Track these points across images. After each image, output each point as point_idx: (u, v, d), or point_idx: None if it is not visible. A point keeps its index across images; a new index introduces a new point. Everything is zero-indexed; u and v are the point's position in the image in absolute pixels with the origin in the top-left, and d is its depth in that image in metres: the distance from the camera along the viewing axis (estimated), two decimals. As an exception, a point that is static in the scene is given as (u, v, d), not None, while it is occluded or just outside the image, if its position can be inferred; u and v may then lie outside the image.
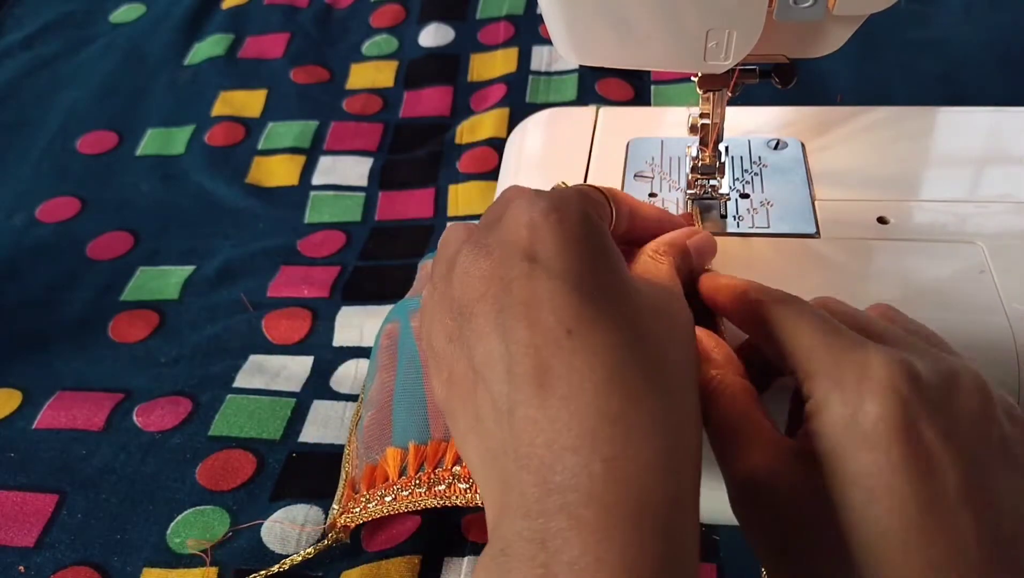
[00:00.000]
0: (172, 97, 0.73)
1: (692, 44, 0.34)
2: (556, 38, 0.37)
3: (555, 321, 0.25)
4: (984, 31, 0.69)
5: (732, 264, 0.38)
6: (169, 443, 0.48)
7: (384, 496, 0.37)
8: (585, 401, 0.24)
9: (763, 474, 0.27)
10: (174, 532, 0.43)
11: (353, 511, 0.38)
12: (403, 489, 0.36)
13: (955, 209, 0.41)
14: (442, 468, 0.36)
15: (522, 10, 0.77)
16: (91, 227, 0.63)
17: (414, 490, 0.36)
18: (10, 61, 0.78)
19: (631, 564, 0.22)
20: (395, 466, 0.37)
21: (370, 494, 0.38)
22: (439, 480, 0.36)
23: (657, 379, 0.25)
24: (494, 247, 0.28)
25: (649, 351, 0.26)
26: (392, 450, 0.38)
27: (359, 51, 0.76)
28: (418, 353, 0.39)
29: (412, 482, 0.36)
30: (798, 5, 0.33)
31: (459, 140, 0.66)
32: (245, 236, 0.61)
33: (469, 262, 0.28)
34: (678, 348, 0.27)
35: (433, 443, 0.37)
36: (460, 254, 0.28)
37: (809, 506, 0.26)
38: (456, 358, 0.28)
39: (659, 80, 0.69)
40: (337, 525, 0.40)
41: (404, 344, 0.41)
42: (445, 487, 0.35)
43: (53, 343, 0.55)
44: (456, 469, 0.35)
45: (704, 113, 0.40)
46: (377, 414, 0.39)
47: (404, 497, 0.36)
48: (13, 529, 0.44)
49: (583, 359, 0.24)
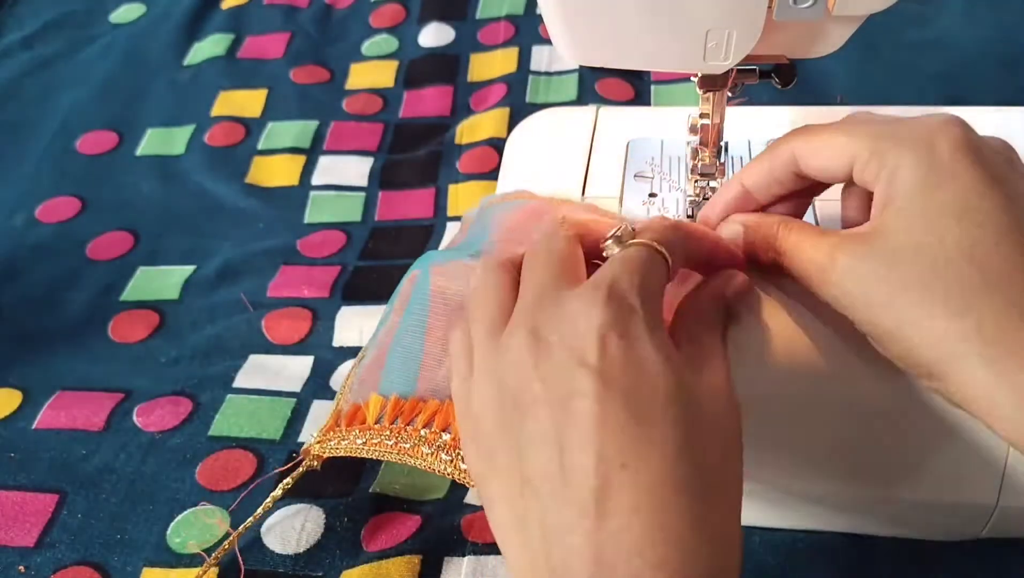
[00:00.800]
0: (172, 97, 0.73)
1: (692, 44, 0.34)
2: (556, 38, 0.37)
3: (614, 452, 0.25)
4: (984, 31, 0.69)
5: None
6: (169, 443, 0.48)
7: (357, 438, 0.37)
8: (632, 539, 0.25)
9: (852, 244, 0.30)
10: (174, 532, 0.43)
11: (327, 444, 0.39)
12: (374, 436, 0.37)
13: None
14: (412, 427, 0.36)
15: (522, 10, 0.77)
16: (91, 227, 0.63)
17: (382, 440, 0.36)
18: (10, 61, 0.78)
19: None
20: (374, 413, 0.38)
21: (346, 432, 0.38)
22: (407, 437, 0.36)
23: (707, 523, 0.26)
24: (555, 350, 0.27)
25: (702, 487, 0.26)
26: (375, 397, 0.38)
27: (359, 51, 0.76)
28: (428, 306, 0.39)
29: (383, 432, 0.37)
30: (798, 5, 0.33)
31: (459, 140, 0.66)
32: (245, 236, 0.61)
33: (523, 356, 0.28)
34: (731, 472, 0.28)
35: (412, 400, 0.37)
36: (513, 338, 0.28)
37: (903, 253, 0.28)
38: (500, 446, 0.28)
39: (659, 80, 0.69)
40: (311, 452, 0.40)
41: (416, 294, 0.41)
42: (410, 446, 0.36)
43: (53, 343, 0.55)
44: (424, 432, 0.35)
45: (704, 114, 0.40)
46: (376, 355, 0.40)
47: (373, 443, 0.37)
48: (13, 529, 0.44)
49: (634, 497, 0.25)
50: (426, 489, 0.45)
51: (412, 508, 0.44)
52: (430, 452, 0.35)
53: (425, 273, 0.41)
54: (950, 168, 0.28)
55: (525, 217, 0.42)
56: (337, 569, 0.41)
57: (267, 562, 0.42)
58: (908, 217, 0.29)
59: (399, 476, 0.46)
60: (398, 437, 0.36)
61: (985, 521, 0.38)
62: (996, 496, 0.37)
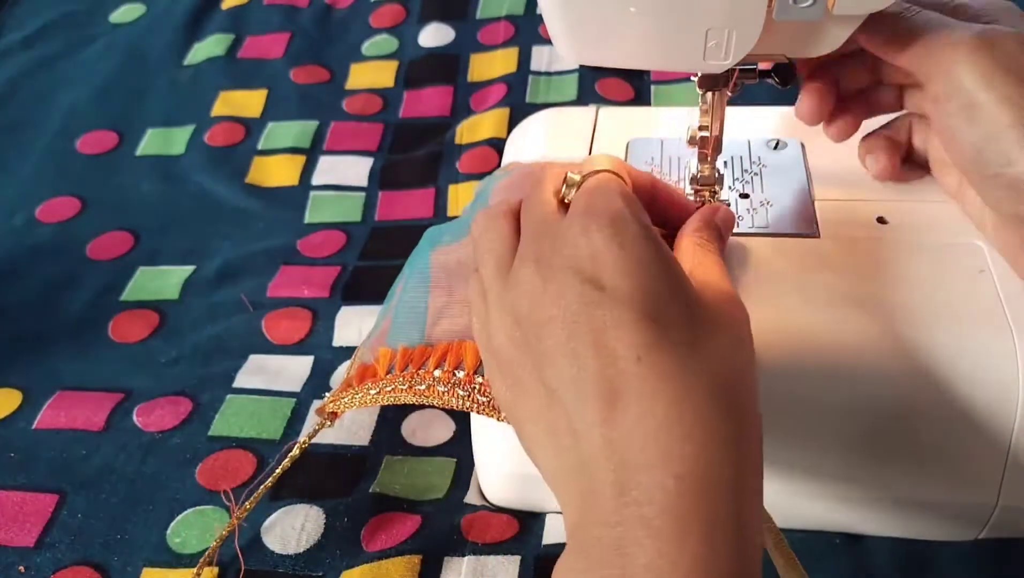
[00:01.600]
0: (172, 97, 0.73)
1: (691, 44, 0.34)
2: (556, 38, 0.37)
3: (624, 348, 0.27)
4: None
5: (732, 264, 0.38)
6: (169, 443, 0.48)
7: (369, 389, 0.38)
8: (656, 423, 0.26)
9: None
10: (174, 532, 0.43)
11: (341, 400, 0.39)
12: (387, 385, 0.38)
13: (955, 209, 0.41)
14: (424, 370, 0.37)
15: (522, 10, 0.77)
16: (91, 227, 0.63)
17: (396, 386, 0.37)
18: (10, 61, 0.78)
19: (703, 566, 0.24)
20: (385, 365, 0.38)
21: (359, 388, 0.39)
22: (420, 380, 0.37)
23: (724, 398, 0.27)
24: (557, 271, 0.29)
25: (717, 371, 0.27)
26: (384, 349, 0.39)
27: (359, 51, 0.76)
28: (429, 270, 0.40)
29: (396, 380, 0.37)
30: (797, 5, 0.33)
31: (459, 140, 0.66)
32: (245, 236, 0.61)
33: (533, 283, 0.30)
34: (743, 359, 0.29)
35: (421, 347, 0.38)
36: (522, 270, 0.31)
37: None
38: (523, 369, 0.30)
39: (659, 80, 0.69)
40: (325, 411, 0.41)
41: (415, 259, 0.42)
42: (425, 387, 0.36)
43: (53, 343, 0.55)
44: (437, 372, 0.36)
45: (703, 126, 0.40)
46: (383, 326, 0.41)
47: (387, 391, 0.37)
48: (13, 529, 0.44)
49: (653, 384, 0.26)
50: (426, 489, 0.45)
51: (412, 508, 0.44)
52: (445, 389, 0.36)
53: (425, 244, 0.42)
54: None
55: (518, 177, 0.43)
56: (337, 569, 0.41)
57: (267, 562, 0.42)
58: None
59: (399, 476, 0.46)
60: (411, 381, 0.37)
61: (985, 521, 0.38)
62: (996, 496, 0.37)
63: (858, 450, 0.37)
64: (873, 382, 0.35)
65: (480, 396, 0.35)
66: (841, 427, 0.36)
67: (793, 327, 0.36)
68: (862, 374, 0.35)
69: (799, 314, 0.36)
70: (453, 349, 0.37)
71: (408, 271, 0.42)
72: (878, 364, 0.35)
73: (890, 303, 0.37)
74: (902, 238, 0.40)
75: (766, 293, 0.37)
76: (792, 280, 0.38)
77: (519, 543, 0.42)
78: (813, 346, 0.35)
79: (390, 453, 0.47)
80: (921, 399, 0.35)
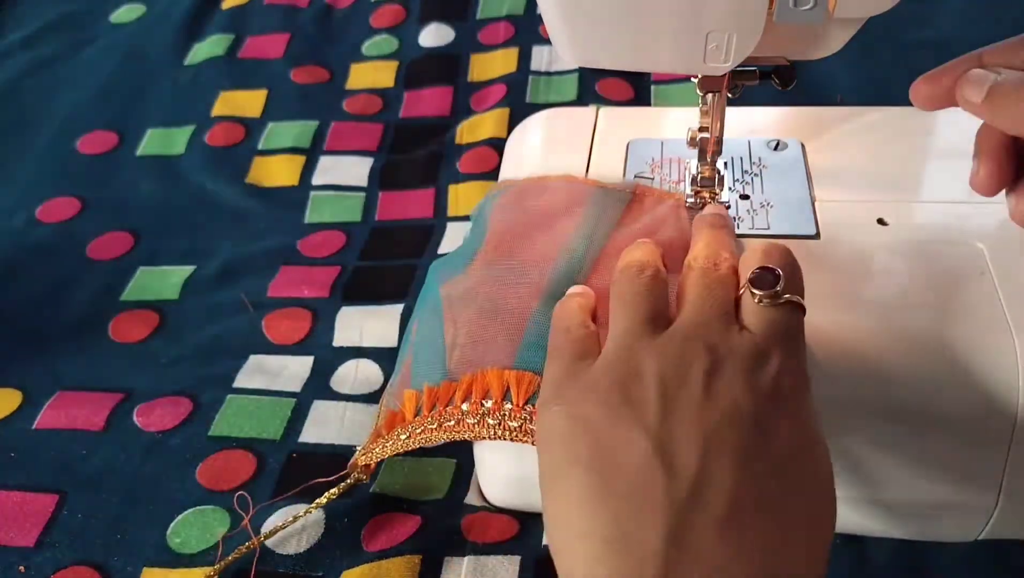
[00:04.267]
0: (172, 97, 0.73)
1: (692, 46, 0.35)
2: (555, 39, 0.37)
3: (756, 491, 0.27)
4: (984, 31, 0.69)
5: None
6: (169, 443, 0.48)
7: (400, 434, 0.38)
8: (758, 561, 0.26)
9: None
10: (174, 532, 0.43)
11: (373, 451, 0.40)
12: (417, 428, 0.38)
13: (955, 210, 0.41)
14: (452, 405, 0.37)
15: (522, 10, 0.77)
16: (91, 227, 0.63)
17: (426, 427, 0.37)
18: (10, 61, 0.78)
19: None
20: (411, 408, 0.38)
21: (388, 436, 0.39)
22: (449, 416, 0.37)
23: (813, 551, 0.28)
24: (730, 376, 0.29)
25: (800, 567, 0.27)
26: (408, 392, 0.39)
27: (359, 51, 0.76)
28: (440, 304, 0.40)
29: (425, 421, 0.37)
30: (798, 7, 0.33)
31: (459, 140, 0.66)
32: (245, 236, 0.61)
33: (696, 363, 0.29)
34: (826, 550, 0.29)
35: (445, 383, 0.38)
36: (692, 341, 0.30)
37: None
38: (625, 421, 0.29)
39: (660, 80, 0.69)
40: (358, 464, 0.41)
41: (426, 295, 0.42)
42: (454, 422, 0.36)
43: (53, 343, 0.55)
44: (464, 406, 0.36)
45: (703, 127, 0.40)
46: (403, 372, 0.41)
47: (417, 434, 0.38)
48: (13, 529, 0.44)
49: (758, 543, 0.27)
50: (426, 489, 0.45)
51: (412, 508, 0.44)
52: (475, 421, 0.36)
53: (432, 279, 0.42)
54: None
55: (514, 198, 0.44)
56: (337, 569, 0.41)
57: (267, 562, 0.42)
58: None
59: (399, 476, 0.46)
60: (441, 420, 0.37)
61: (985, 521, 0.38)
62: (996, 496, 0.37)
63: (858, 450, 0.37)
64: (873, 382, 0.35)
65: (511, 422, 0.35)
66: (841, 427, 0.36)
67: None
68: (862, 374, 0.35)
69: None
70: (478, 380, 0.37)
71: (420, 309, 0.42)
72: (878, 364, 0.35)
73: (890, 304, 0.37)
74: (902, 238, 0.40)
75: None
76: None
77: (519, 543, 0.42)
78: (813, 346, 0.35)
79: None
80: (921, 399, 0.35)
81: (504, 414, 0.35)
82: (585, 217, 0.42)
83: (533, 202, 0.44)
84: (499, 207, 0.44)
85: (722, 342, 0.30)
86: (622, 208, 0.43)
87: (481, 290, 0.40)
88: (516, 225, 0.42)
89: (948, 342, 0.35)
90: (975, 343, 0.35)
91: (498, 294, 0.39)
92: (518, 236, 0.42)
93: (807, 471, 0.29)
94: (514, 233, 0.42)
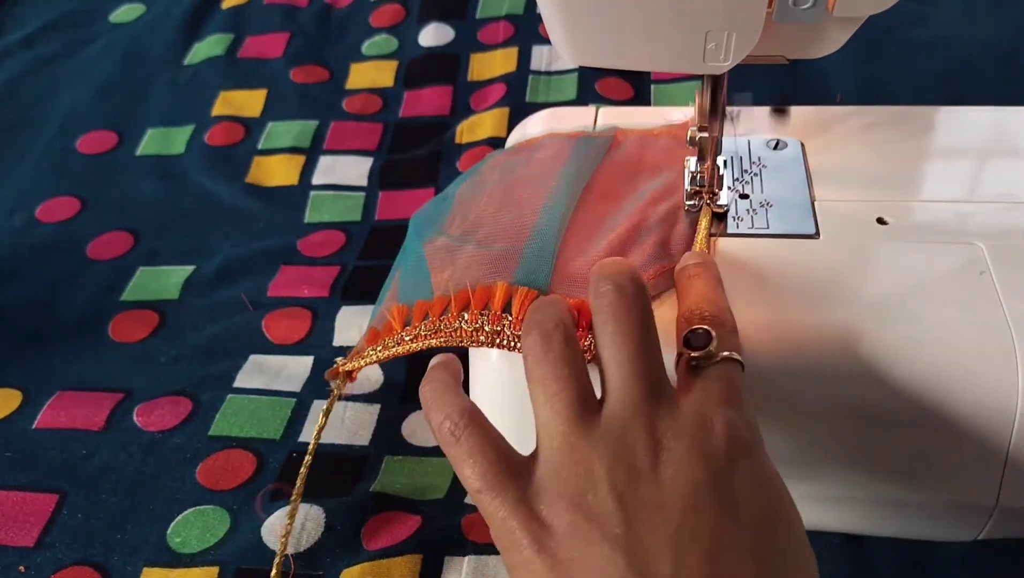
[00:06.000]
0: (172, 97, 0.73)
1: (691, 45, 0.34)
2: (555, 38, 0.37)
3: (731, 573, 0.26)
4: (984, 31, 0.69)
5: (731, 266, 0.38)
6: (169, 443, 0.48)
7: (388, 342, 0.38)
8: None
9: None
10: (174, 532, 0.43)
11: (358, 358, 0.39)
12: (407, 336, 0.37)
13: (955, 209, 0.41)
14: (447, 315, 0.36)
15: (522, 10, 0.77)
16: (91, 227, 0.63)
17: (418, 335, 0.37)
18: (10, 61, 0.78)
19: None
20: (400, 320, 0.38)
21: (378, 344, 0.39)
22: (447, 325, 0.36)
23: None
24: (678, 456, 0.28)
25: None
26: (397, 306, 0.39)
27: (359, 51, 0.76)
28: (424, 256, 0.40)
29: (416, 329, 0.37)
30: (797, 6, 0.33)
31: (459, 140, 0.66)
32: (245, 236, 0.61)
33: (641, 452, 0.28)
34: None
35: (439, 297, 0.37)
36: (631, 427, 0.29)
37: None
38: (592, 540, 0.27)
39: (659, 80, 0.69)
40: (340, 372, 0.40)
41: (410, 248, 0.42)
42: (451, 330, 0.36)
43: (53, 343, 0.55)
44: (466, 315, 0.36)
45: (703, 127, 0.40)
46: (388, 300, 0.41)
47: (407, 342, 0.37)
48: (13, 529, 0.44)
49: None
50: (426, 489, 0.45)
51: (412, 508, 0.44)
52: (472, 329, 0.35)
53: (415, 231, 0.44)
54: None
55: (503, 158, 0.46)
56: (337, 568, 0.41)
57: (267, 562, 0.42)
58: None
59: (399, 476, 0.46)
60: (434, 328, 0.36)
61: (985, 521, 0.38)
62: (996, 496, 0.37)
63: (858, 450, 0.37)
64: (873, 382, 0.35)
65: (510, 330, 0.35)
66: (841, 427, 0.36)
67: (793, 328, 0.36)
68: (862, 375, 0.35)
69: (799, 314, 0.36)
70: (478, 293, 0.36)
71: (402, 259, 0.42)
72: (878, 364, 0.35)
73: (890, 304, 0.37)
74: (902, 238, 0.40)
75: (766, 293, 0.37)
76: (792, 280, 0.38)
77: (519, 543, 0.42)
78: (813, 346, 0.35)
79: (390, 453, 0.47)
80: (921, 399, 0.35)
81: (504, 324, 0.35)
82: (570, 160, 0.44)
83: (523, 156, 0.45)
84: (488, 166, 0.45)
85: (662, 419, 0.29)
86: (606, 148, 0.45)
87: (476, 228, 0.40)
88: (509, 175, 0.44)
89: (948, 342, 0.35)
90: (975, 343, 0.35)
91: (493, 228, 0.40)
92: (510, 183, 0.43)
93: (780, 527, 0.28)
94: (507, 182, 0.43)
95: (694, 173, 0.42)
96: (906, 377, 0.35)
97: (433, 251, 0.40)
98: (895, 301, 0.37)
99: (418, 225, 0.44)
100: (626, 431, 0.29)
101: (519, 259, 0.37)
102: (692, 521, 0.27)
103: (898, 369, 0.35)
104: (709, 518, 0.27)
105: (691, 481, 0.28)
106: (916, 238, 0.40)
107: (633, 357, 0.30)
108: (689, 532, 0.27)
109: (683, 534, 0.27)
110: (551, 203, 0.40)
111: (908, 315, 0.36)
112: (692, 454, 0.28)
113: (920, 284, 0.38)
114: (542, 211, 0.40)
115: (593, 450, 0.29)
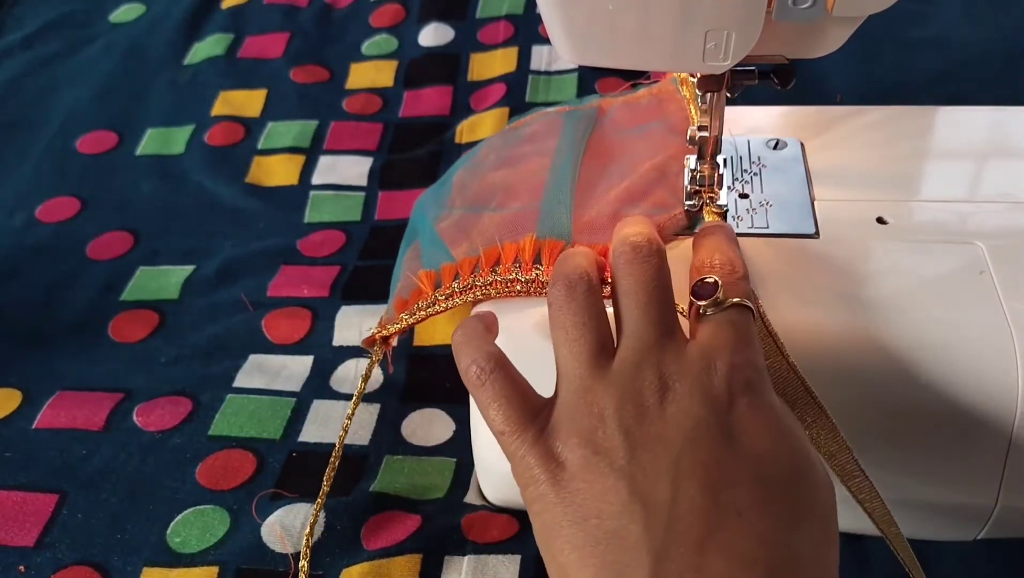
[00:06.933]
0: (172, 97, 0.73)
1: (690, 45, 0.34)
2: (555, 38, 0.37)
3: (729, 499, 0.27)
4: (984, 31, 0.69)
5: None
6: (169, 443, 0.48)
7: (420, 308, 0.39)
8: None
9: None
10: (174, 532, 0.43)
11: (392, 325, 0.40)
12: (441, 295, 0.39)
13: (954, 209, 0.41)
14: (477, 273, 0.38)
15: (522, 9, 0.77)
16: (91, 227, 0.63)
17: (453, 290, 0.38)
18: (10, 61, 0.78)
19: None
20: (430, 284, 0.39)
21: (409, 310, 0.40)
22: (480, 280, 0.38)
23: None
24: (682, 395, 0.29)
25: (807, 556, 0.27)
26: (425, 272, 0.40)
27: (359, 51, 0.76)
28: (437, 233, 0.42)
29: (448, 288, 0.39)
30: (797, 6, 0.33)
31: (459, 139, 0.66)
32: (245, 236, 0.61)
33: (649, 391, 0.30)
34: (831, 554, 0.29)
35: (465, 259, 0.39)
36: (641, 369, 0.30)
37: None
38: (600, 471, 0.29)
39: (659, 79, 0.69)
40: (376, 338, 0.42)
41: (420, 227, 0.43)
42: (485, 284, 0.38)
43: (53, 343, 0.55)
44: (497, 270, 0.37)
45: (703, 126, 0.40)
46: (408, 275, 0.42)
47: (441, 300, 0.39)
48: (13, 529, 0.44)
49: (745, 546, 0.26)
50: (426, 489, 0.45)
51: (412, 508, 0.44)
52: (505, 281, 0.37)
53: (420, 211, 0.45)
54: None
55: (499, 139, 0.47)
56: (337, 568, 0.41)
57: (267, 561, 0.42)
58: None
59: (399, 476, 0.46)
60: (467, 285, 0.38)
61: (985, 521, 0.38)
62: (996, 496, 0.37)
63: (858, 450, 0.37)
64: (873, 382, 0.35)
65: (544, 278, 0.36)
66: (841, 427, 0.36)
67: (793, 327, 0.36)
68: (861, 374, 0.35)
69: (799, 314, 0.36)
70: (506, 248, 0.38)
71: (411, 238, 0.44)
72: (878, 364, 0.35)
73: (890, 304, 0.37)
74: (902, 238, 0.40)
75: (766, 293, 0.37)
76: (792, 280, 0.38)
77: (520, 543, 0.42)
78: (813, 346, 0.35)
79: (390, 453, 0.47)
80: (921, 399, 0.35)
81: (538, 272, 0.36)
82: (564, 130, 0.45)
83: (516, 133, 0.47)
84: (484, 149, 0.47)
85: (670, 362, 0.30)
86: (595, 117, 0.47)
87: (486, 197, 0.42)
88: (506, 151, 0.46)
89: (948, 342, 0.35)
90: (975, 343, 0.35)
91: (505, 193, 0.42)
92: (510, 157, 0.45)
93: (783, 456, 0.29)
94: (506, 156, 0.45)
95: (694, 172, 0.42)
96: (906, 377, 0.35)
97: (445, 228, 0.42)
98: (895, 301, 0.37)
99: (423, 207, 0.45)
100: (636, 373, 0.30)
101: (537, 215, 0.39)
102: (691, 452, 0.28)
103: (898, 369, 0.35)
104: (708, 449, 0.28)
105: (692, 416, 0.29)
106: (916, 238, 0.40)
107: (646, 306, 0.32)
108: (688, 462, 0.28)
109: (682, 464, 0.28)
110: (557, 163, 0.42)
111: (908, 315, 0.36)
112: (695, 392, 0.29)
113: (920, 284, 0.38)
114: (550, 172, 0.42)
115: (605, 391, 0.30)
